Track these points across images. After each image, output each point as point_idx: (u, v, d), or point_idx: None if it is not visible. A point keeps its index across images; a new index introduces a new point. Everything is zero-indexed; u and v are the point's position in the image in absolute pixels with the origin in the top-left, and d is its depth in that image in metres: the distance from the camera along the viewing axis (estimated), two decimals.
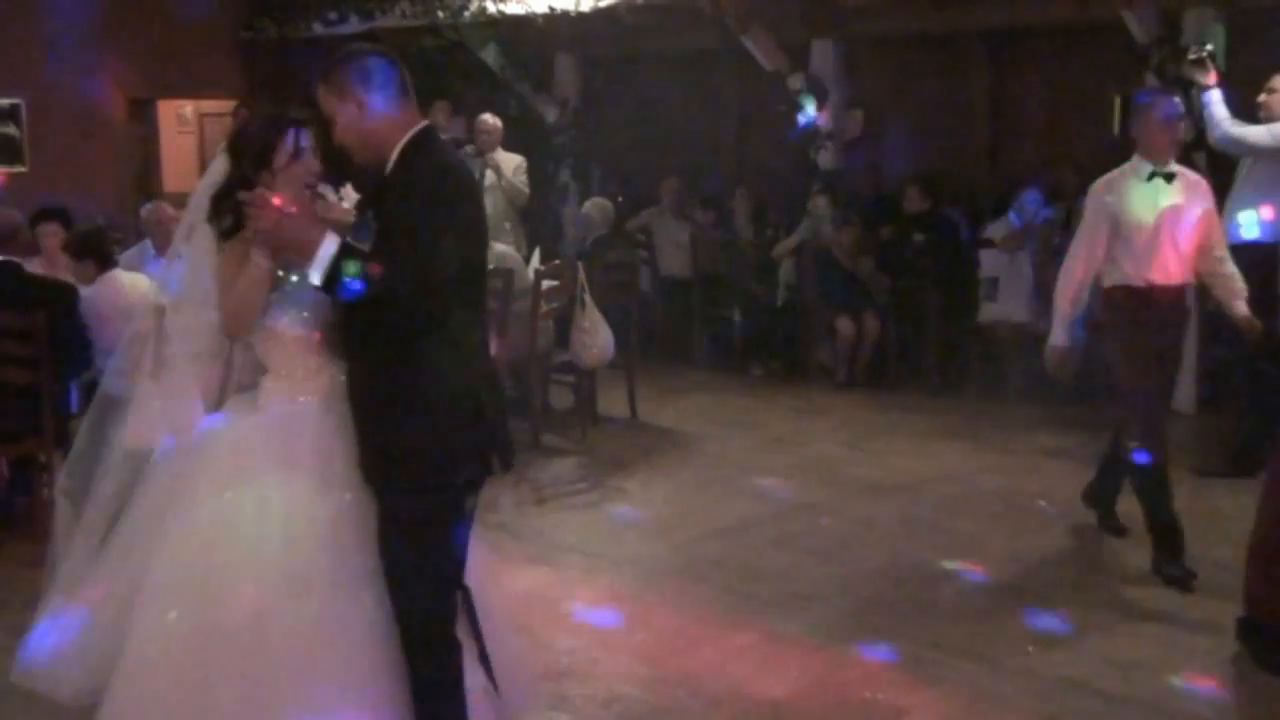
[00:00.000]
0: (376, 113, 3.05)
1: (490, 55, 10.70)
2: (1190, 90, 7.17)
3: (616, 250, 8.58)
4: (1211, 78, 6.43)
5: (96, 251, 6.08)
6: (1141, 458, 5.02)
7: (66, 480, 3.67)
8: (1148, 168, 5.11)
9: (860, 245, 9.14)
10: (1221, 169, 7.14)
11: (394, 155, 3.07)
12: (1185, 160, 7.65)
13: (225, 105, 12.13)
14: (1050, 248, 8.68)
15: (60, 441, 6.01)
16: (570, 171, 10.94)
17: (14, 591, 5.03)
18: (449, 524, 3.07)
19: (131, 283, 6.05)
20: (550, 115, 10.96)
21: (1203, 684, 4.18)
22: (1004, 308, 8.33)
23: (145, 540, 3.33)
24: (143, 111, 12.00)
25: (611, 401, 8.03)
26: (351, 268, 2.92)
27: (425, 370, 3.01)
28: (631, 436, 7.60)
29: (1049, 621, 4.70)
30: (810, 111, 9.29)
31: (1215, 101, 6.37)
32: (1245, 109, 6.38)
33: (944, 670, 4.28)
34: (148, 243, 7.38)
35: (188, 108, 13.20)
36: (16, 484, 6.01)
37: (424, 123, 3.12)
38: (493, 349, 3.90)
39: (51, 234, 6.80)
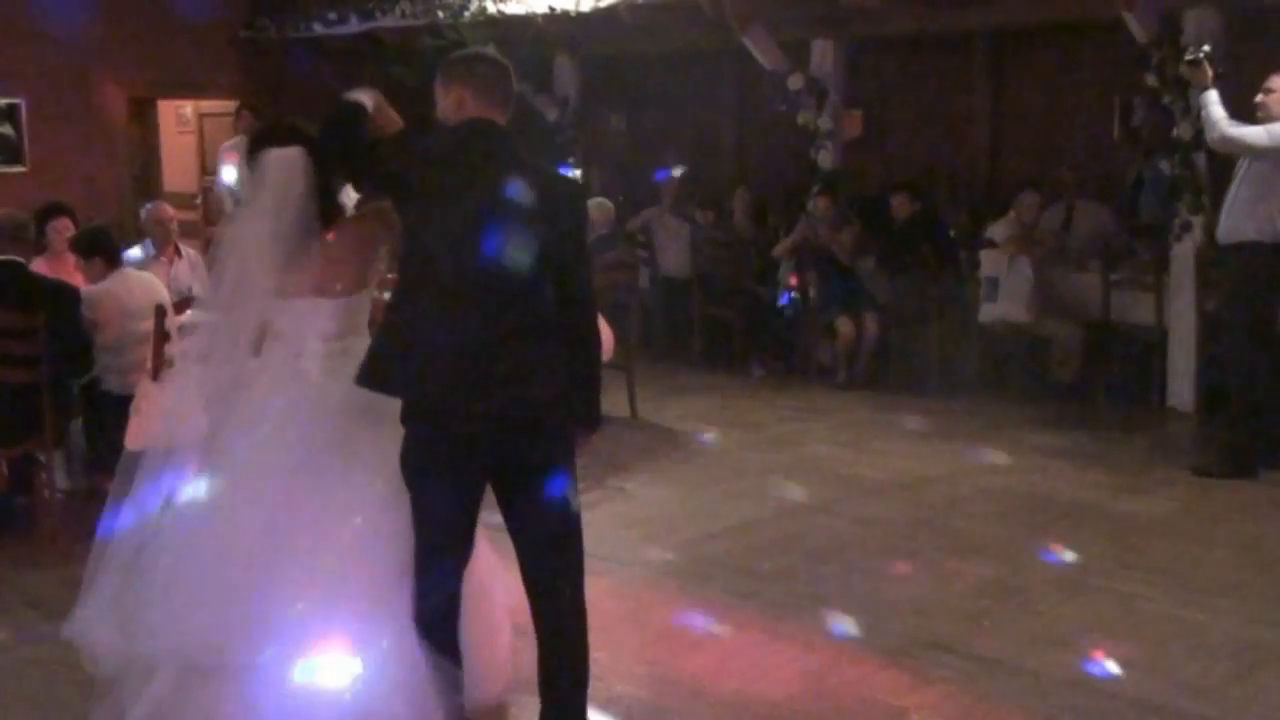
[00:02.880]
0: (463, 107, 3.42)
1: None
2: (1188, 91, 7.18)
3: (616, 250, 8.57)
4: (1208, 79, 6.41)
5: (104, 249, 6.06)
6: None
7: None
8: None
9: (860, 245, 9.14)
10: (1220, 169, 7.16)
11: None
12: (1185, 161, 7.71)
13: (225, 105, 12.12)
14: (1051, 249, 8.70)
15: (60, 441, 6.02)
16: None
17: (14, 591, 5.04)
18: (413, 466, 3.36)
19: (139, 281, 6.04)
20: (550, 115, 10.96)
21: (1204, 683, 4.18)
22: (1004, 308, 8.32)
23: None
24: (143, 111, 11.99)
25: (611, 401, 7.99)
26: None
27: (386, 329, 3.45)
28: (631, 436, 7.60)
29: (1049, 621, 4.69)
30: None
31: (1212, 103, 6.35)
32: (1244, 109, 6.37)
33: (944, 670, 4.28)
34: (148, 242, 7.37)
35: (188, 108, 13.19)
36: (16, 484, 6.01)
37: (491, 120, 3.40)
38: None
39: (63, 229, 6.79)
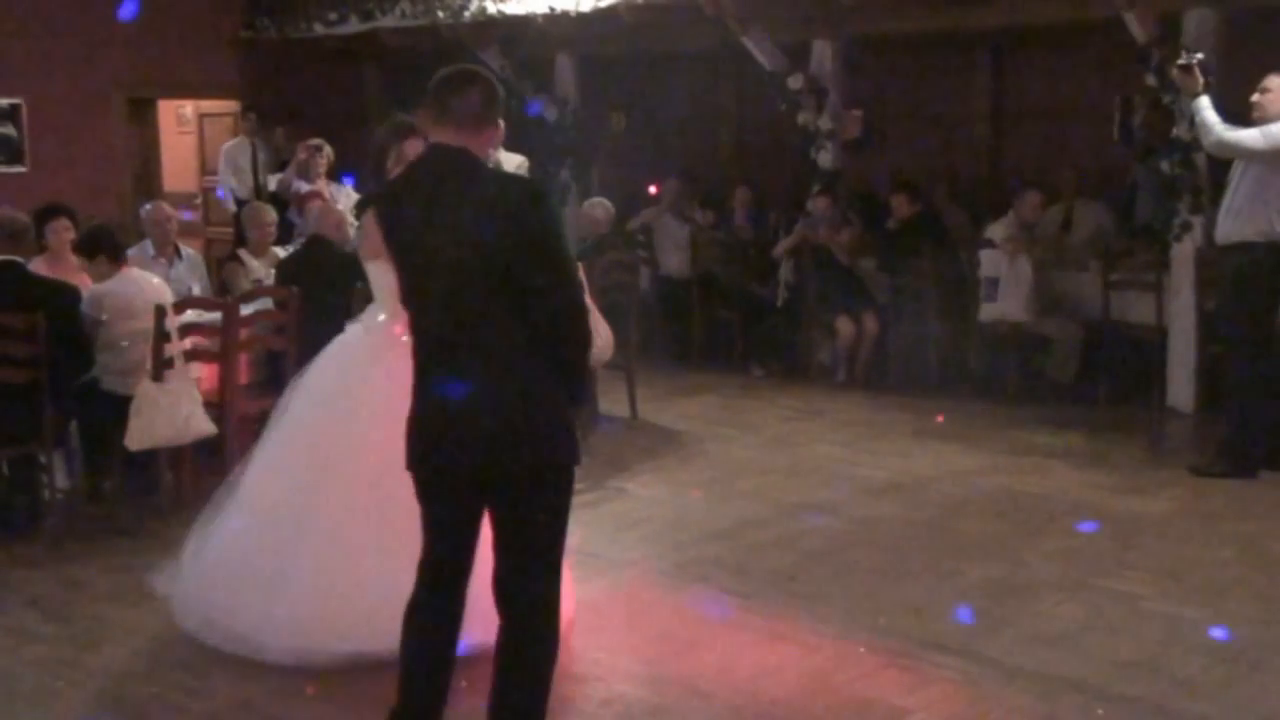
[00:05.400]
0: (426, 137, 3.72)
1: (490, 55, 10.70)
2: (1182, 95, 7.17)
3: (616, 250, 8.56)
4: (1198, 85, 6.38)
5: (107, 247, 6.05)
6: None
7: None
8: None
9: (860, 245, 9.14)
10: (1219, 170, 7.15)
11: None
12: (1185, 162, 7.70)
13: (225, 105, 12.12)
14: (1051, 249, 8.70)
15: (60, 441, 6.01)
16: (570, 172, 10.93)
17: (14, 591, 5.04)
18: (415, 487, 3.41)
19: (143, 281, 6.03)
20: (550, 115, 10.96)
21: (1204, 683, 4.18)
22: (1004, 307, 8.32)
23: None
24: (143, 111, 11.99)
25: (611, 401, 8.02)
26: None
27: None
28: (631, 436, 7.60)
29: (1049, 621, 4.70)
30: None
31: (1205, 108, 6.33)
32: (1243, 110, 6.37)
33: (944, 670, 4.29)
34: (148, 243, 7.37)
35: (188, 108, 13.19)
36: (16, 484, 6.01)
37: (444, 144, 3.30)
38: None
39: (62, 229, 6.78)
